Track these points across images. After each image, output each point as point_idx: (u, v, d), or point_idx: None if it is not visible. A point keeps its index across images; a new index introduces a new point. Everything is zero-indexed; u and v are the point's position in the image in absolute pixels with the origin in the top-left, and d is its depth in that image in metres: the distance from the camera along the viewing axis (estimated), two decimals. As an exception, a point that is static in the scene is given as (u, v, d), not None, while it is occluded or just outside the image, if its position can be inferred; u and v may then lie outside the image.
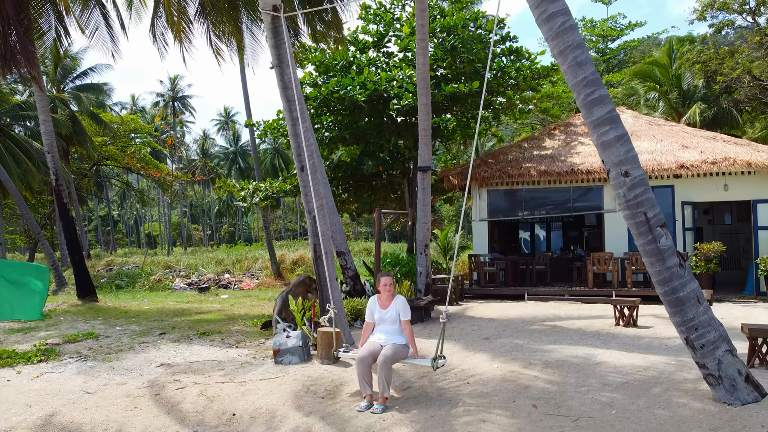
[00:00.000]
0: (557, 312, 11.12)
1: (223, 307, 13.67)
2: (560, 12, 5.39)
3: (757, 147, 14.91)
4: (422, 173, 10.85)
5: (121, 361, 7.59)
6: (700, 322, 5.16)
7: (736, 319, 10.04)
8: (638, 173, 5.31)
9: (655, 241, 5.22)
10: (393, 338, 5.86)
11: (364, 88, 14.31)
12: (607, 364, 6.74)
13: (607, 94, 5.45)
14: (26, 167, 30.97)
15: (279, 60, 7.28)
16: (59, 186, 14.38)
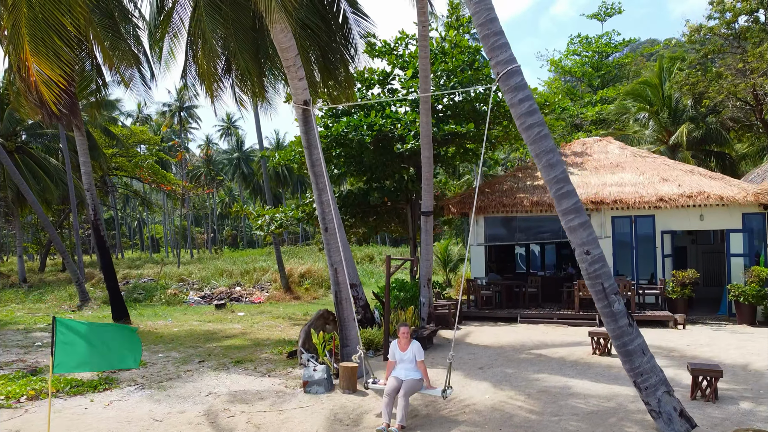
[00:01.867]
0: (544, 338, 12.56)
1: (244, 329, 15.13)
2: (537, 124, 6.85)
3: (729, 181, 16.35)
4: (425, 217, 12.33)
5: (174, 389, 9.06)
6: (644, 369, 6.62)
7: (701, 346, 11.48)
8: (597, 252, 6.77)
9: (610, 305, 6.68)
10: (411, 374, 7.35)
11: (371, 129, 15.80)
12: (578, 394, 8.20)
13: (573, 189, 6.91)
14: (45, 184, 32.42)
15: (308, 143, 8.75)
16: (97, 221, 15.87)
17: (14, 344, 13.19)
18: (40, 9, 6.78)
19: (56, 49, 6.85)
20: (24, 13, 6.68)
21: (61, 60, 6.89)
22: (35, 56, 6.71)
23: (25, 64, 6.74)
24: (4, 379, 9.81)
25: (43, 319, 17.79)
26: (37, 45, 6.72)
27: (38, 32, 6.74)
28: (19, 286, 29.91)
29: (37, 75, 6.75)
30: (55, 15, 6.87)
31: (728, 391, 8.08)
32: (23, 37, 6.68)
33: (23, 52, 6.72)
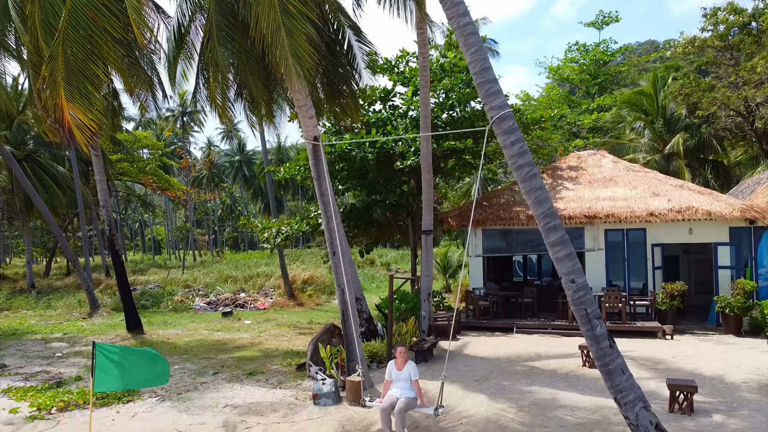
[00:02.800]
0: (538, 349, 13.27)
1: (252, 339, 15.84)
2: (527, 164, 7.56)
3: (717, 197, 17.05)
4: (426, 236, 13.05)
5: (193, 401, 9.77)
6: (624, 387, 7.32)
7: (685, 357, 12.18)
8: (581, 280, 7.48)
9: (592, 329, 7.38)
10: (406, 392, 8.02)
11: (373, 147, 16.53)
12: (566, 407, 8.91)
13: (560, 222, 7.61)
14: (53, 192, 33.13)
15: (317, 175, 9.46)
16: (113, 236, 16.60)
17: (35, 355, 13.90)
18: (75, 60, 7.47)
19: (89, 97, 7.55)
20: (61, 64, 7.38)
21: (93, 106, 7.59)
22: (70, 102, 7.40)
23: (60, 108, 7.43)
24: (33, 390, 10.53)
25: (57, 329, 18.48)
26: (72, 93, 7.40)
27: (73, 81, 7.43)
28: (28, 292, 30.57)
29: (71, 119, 7.45)
30: (89, 66, 7.58)
31: (704, 404, 8.78)
32: (59, 85, 7.37)
33: (59, 98, 7.42)
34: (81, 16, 7.54)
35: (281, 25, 7.66)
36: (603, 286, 17.62)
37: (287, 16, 7.73)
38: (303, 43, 7.81)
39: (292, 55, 7.65)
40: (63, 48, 7.35)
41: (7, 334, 17.03)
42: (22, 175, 23.46)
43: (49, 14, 8.24)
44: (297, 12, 7.81)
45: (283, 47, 7.68)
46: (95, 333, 17.30)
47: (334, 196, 10.44)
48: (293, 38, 7.71)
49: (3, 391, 10.67)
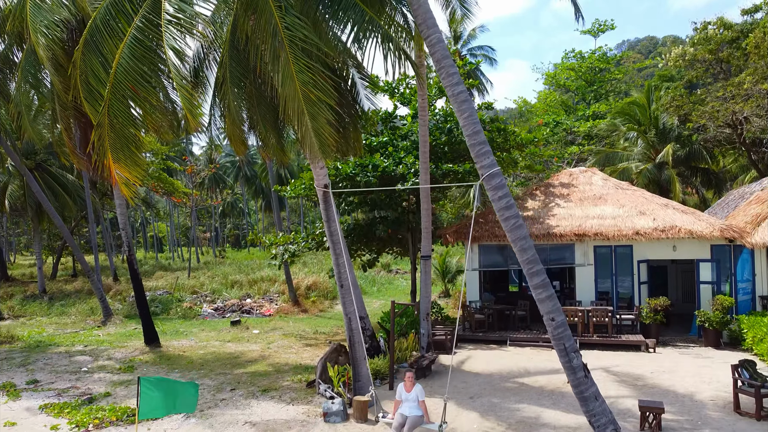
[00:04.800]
0: (528, 365, 14.36)
1: (263, 352, 16.93)
2: (513, 216, 8.62)
3: (699, 216, 18.09)
4: (425, 261, 14.13)
5: (215, 417, 10.86)
6: (597, 412, 8.41)
7: (662, 373, 13.26)
8: (560, 318, 8.55)
9: (570, 361, 8.46)
10: (414, 412, 9.14)
11: (376, 170, 17.58)
12: (549, 425, 10.00)
13: (542, 268, 8.68)
14: (63, 200, 34.20)
15: (327, 218, 10.53)
16: (131, 256, 17.69)
17: (63, 369, 14.98)
18: (119, 126, 8.50)
19: (133, 157, 8.59)
20: (107, 130, 8.40)
21: (136, 164, 8.63)
22: (116, 163, 8.43)
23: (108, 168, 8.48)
24: (68, 407, 11.60)
25: (77, 339, 19.56)
26: (117, 154, 8.43)
27: (118, 145, 8.46)
28: (41, 298, 31.64)
29: (117, 177, 8.50)
30: (131, 130, 8.61)
31: (672, 422, 9.87)
32: (107, 149, 8.40)
33: (107, 160, 8.45)
34: (123, 89, 8.58)
35: (305, 110, 8.71)
36: (592, 299, 18.72)
37: (310, 104, 8.78)
38: (324, 125, 8.86)
39: (315, 136, 8.70)
40: (108, 117, 8.38)
41: (31, 346, 18.11)
42: (34, 183, 24.49)
43: (89, 76, 9.27)
44: (318, 100, 8.85)
45: (306, 128, 8.74)
46: (113, 345, 18.38)
47: (343, 237, 11.49)
48: (316, 121, 8.76)
49: (40, 408, 11.75)
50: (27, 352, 17.28)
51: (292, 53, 8.98)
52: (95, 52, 8.99)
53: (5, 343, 18.60)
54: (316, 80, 9.02)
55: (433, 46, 8.80)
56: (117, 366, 15.19)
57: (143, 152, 45.76)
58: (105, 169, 8.49)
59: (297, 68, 8.93)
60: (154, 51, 9.06)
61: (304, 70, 8.99)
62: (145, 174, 10.35)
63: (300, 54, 9.08)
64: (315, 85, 8.96)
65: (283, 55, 9.00)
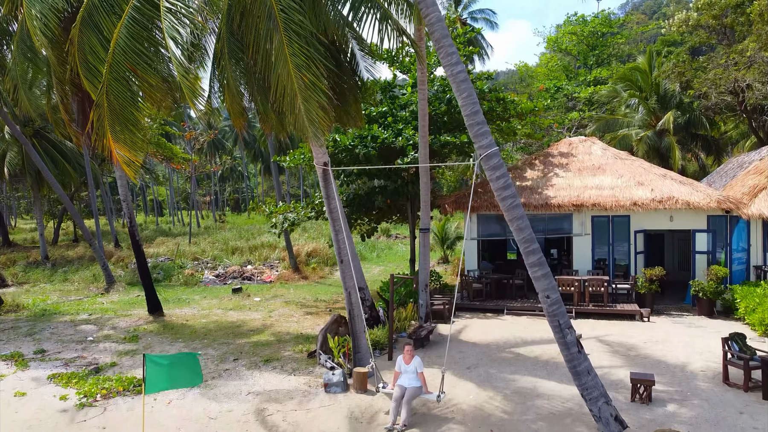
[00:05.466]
0: (524, 334, 14.66)
1: (264, 321, 17.24)
2: (510, 195, 8.72)
3: (697, 187, 18.19)
4: (423, 233, 14.29)
5: (219, 388, 11.18)
6: (589, 386, 8.68)
7: (655, 343, 13.56)
8: (555, 296, 8.74)
9: (564, 337, 8.69)
10: (413, 383, 9.43)
11: (375, 142, 17.60)
12: (544, 395, 10.31)
13: (538, 247, 8.82)
14: (63, 168, 34.19)
15: (327, 195, 10.62)
16: (133, 227, 17.84)
17: (69, 339, 15.29)
18: (118, 106, 8.52)
19: (133, 138, 8.63)
20: (106, 110, 8.42)
21: (136, 144, 8.68)
22: (116, 143, 8.47)
23: (108, 148, 8.53)
24: (76, 377, 11.92)
25: (81, 308, 19.87)
26: (117, 135, 8.47)
27: (117, 125, 8.49)
28: (43, 264, 31.94)
29: (119, 157, 8.56)
30: (131, 111, 8.63)
31: (662, 393, 10.18)
32: (107, 129, 8.44)
33: (107, 140, 8.50)
34: (122, 69, 8.56)
35: (298, 94, 8.69)
36: (589, 269, 18.98)
37: (303, 88, 8.75)
38: (317, 109, 8.86)
39: (307, 119, 8.72)
40: (107, 97, 8.39)
41: (37, 315, 18.42)
42: (33, 152, 24.48)
43: (87, 54, 9.24)
44: (312, 84, 8.83)
45: (299, 112, 8.75)
46: (117, 313, 18.69)
47: (343, 213, 11.60)
48: (308, 105, 8.76)
49: (49, 378, 12.07)
50: (33, 321, 17.60)
51: (286, 36, 8.93)
52: (93, 30, 8.94)
53: (11, 311, 18.92)
54: (310, 65, 9.00)
55: (432, 25, 8.76)
56: (121, 336, 15.50)
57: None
58: (106, 148, 8.55)
59: (291, 51, 8.90)
60: (152, 31, 9.01)
61: (299, 53, 8.97)
62: (145, 148, 10.40)
63: (295, 37, 9.04)
64: (309, 69, 8.94)
65: (277, 38, 8.96)
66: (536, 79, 45.89)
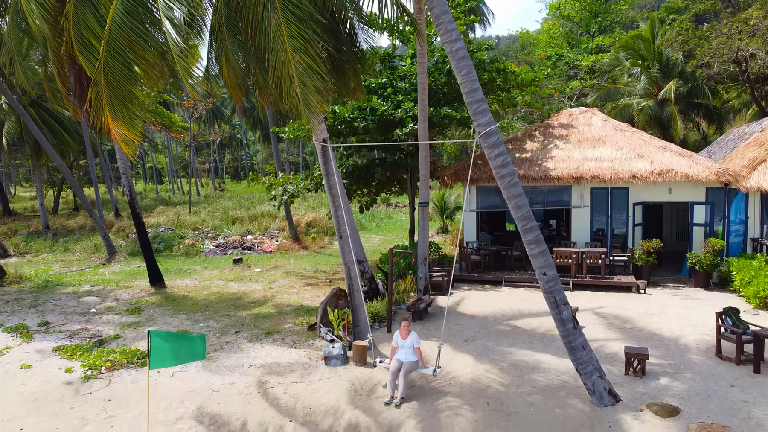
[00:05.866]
0: (521, 306, 14.85)
1: (265, 293, 17.44)
2: (509, 174, 8.76)
3: (697, 159, 18.18)
4: (422, 207, 14.35)
5: (221, 360, 11.39)
6: (584, 360, 8.86)
7: (651, 316, 13.75)
8: (552, 273, 8.85)
9: (560, 313, 8.83)
10: (409, 357, 9.62)
11: (374, 114, 17.52)
12: (539, 368, 10.52)
13: (536, 225, 8.89)
14: (61, 137, 34.04)
15: (326, 171, 10.62)
16: (133, 200, 17.89)
17: (72, 311, 15.49)
18: (116, 84, 8.46)
19: (131, 116, 8.60)
20: (104, 88, 8.37)
21: (134, 123, 8.65)
22: (114, 121, 8.45)
23: (107, 126, 8.51)
24: (80, 350, 12.13)
25: (83, 278, 20.07)
26: (116, 113, 8.43)
27: (116, 103, 8.45)
28: (44, 234, 32.08)
29: (117, 135, 8.54)
30: (129, 88, 8.57)
31: (656, 366, 10.39)
32: (105, 107, 8.40)
33: (105, 117, 8.47)
34: (119, 46, 8.48)
35: (294, 76, 8.62)
36: (587, 240, 19.10)
37: (300, 71, 8.68)
38: (313, 93, 8.79)
39: (304, 103, 8.67)
40: (105, 75, 8.34)
41: (40, 286, 18.61)
42: (31, 123, 24.37)
43: (82, 29, 9.15)
44: (309, 67, 8.75)
45: (295, 93, 8.69)
46: (119, 285, 18.89)
47: (343, 189, 11.63)
48: (305, 87, 8.69)
49: (54, 350, 12.28)
50: (36, 292, 17.79)
51: (284, 17, 8.83)
52: (88, 6, 8.83)
53: (14, 283, 19.11)
54: (308, 48, 8.92)
55: (432, 1, 8.66)
56: (124, 308, 15.70)
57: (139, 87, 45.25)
58: (104, 126, 8.54)
59: (288, 33, 8.81)
60: (148, 6, 8.90)
61: (296, 36, 8.87)
62: (143, 129, 10.37)
63: (293, 18, 8.93)
64: (306, 52, 8.86)
65: (275, 19, 8.85)
66: (538, 47, 45.31)
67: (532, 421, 8.55)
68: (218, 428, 8.77)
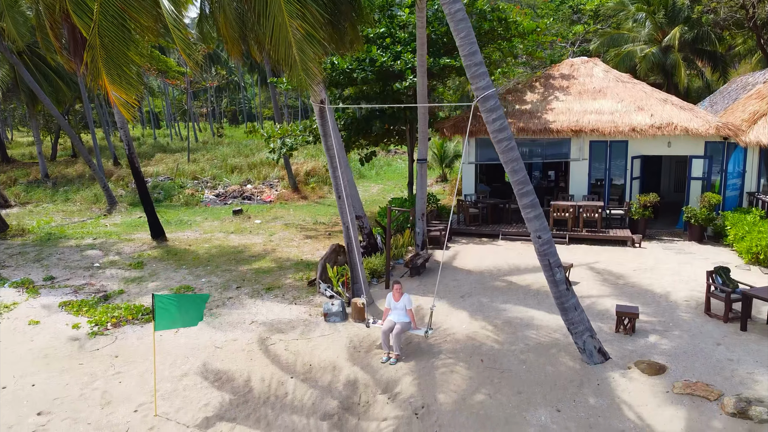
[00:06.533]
0: (517, 261, 15.10)
1: (266, 246, 17.67)
2: (506, 138, 8.77)
3: (697, 113, 18.06)
4: (421, 164, 14.37)
5: (223, 317, 11.70)
6: (576, 321, 9.13)
7: (644, 271, 14.01)
8: (546, 236, 9.00)
9: (553, 275, 9.04)
10: (401, 318, 9.87)
11: (373, 65, 17.30)
12: (533, 325, 10.83)
13: (532, 189, 8.97)
14: (57, 85, 33.56)
15: (324, 132, 10.59)
16: (132, 154, 17.87)
17: (76, 265, 15.76)
18: (111, 47, 8.34)
19: (128, 79, 8.51)
20: (99, 51, 8.25)
21: (132, 86, 8.57)
22: (112, 85, 8.37)
23: (104, 89, 8.45)
24: (86, 305, 12.43)
25: (85, 231, 20.28)
26: (113, 76, 8.34)
27: (112, 67, 8.35)
28: (44, 183, 32.14)
29: (115, 99, 8.49)
30: (124, 51, 8.44)
31: (645, 324, 10.69)
32: (101, 71, 8.32)
33: (101, 80, 8.40)
34: (113, 8, 8.31)
35: (293, 43, 8.46)
36: (584, 194, 19.22)
37: (298, 39, 8.50)
38: (312, 60, 8.65)
39: (302, 70, 8.55)
40: (100, 38, 8.22)
41: (43, 239, 18.83)
42: (24, 71, 24.04)
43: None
44: (307, 34, 8.57)
45: (294, 61, 8.56)
46: (121, 237, 19.11)
47: (342, 148, 11.61)
48: (303, 54, 8.55)
49: (60, 305, 12.59)
50: (39, 246, 18.02)
51: (281, -19, 8.62)
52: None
53: (17, 236, 19.32)
54: (306, 13, 8.74)
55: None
56: (127, 262, 15.95)
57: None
58: (102, 89, 8.50)
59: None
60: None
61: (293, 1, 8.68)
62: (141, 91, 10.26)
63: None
64: (304, 18, 8.69)
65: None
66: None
67: (523, 379, 8.89)
68: (222, 384, 9.12)
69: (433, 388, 8.74)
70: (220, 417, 8.17)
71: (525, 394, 8.43)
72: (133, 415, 8.30)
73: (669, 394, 8.19)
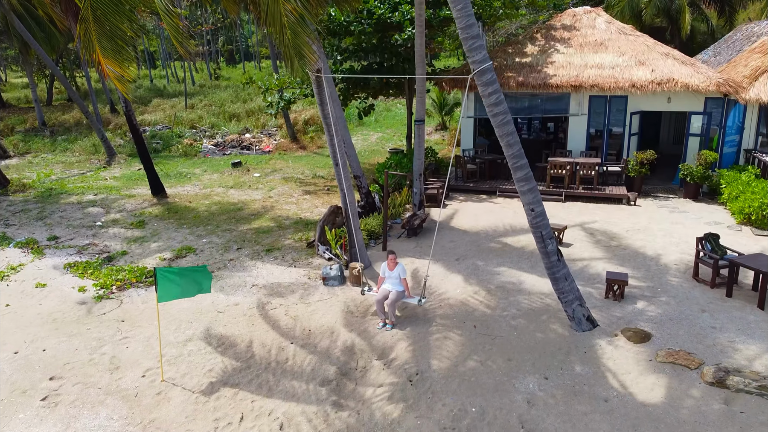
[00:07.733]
0: (513, 221, 15.32)
1: (264, 203, 17.87)
2: (502, 112, 8.81)
3: (698, 68, 17.85)
4: (418, 125, 14.36)
5: (225, 280, 12.03)
6: (566, 290, 9.43)
7: (637, 232, 14.25)
8: (539, 209, 9.17)
9: (545, 246, 9.27)
10: (395, 287, 10.16)
11: (371, 17, 17.02)
12: (525, 291, 11.16)
13: (526, 162, 9.08)
14: (49, 31, 32.85)
15: (321, 101, 10.56)
16: (129, 111, 17.79)
17: (78, 224, 15.99)
18: (104, 19, 8.23)
19: (122, 52, 8.44)
20: (92, 24, 8.16)
21: (126, 60, 8.52)
22: (106, 59, 8.31)
23: (98, 63, 8.41)
24: (91, 267, 12.74)
25: (86, 185, 20.42)
26: (106, 50, 8.28)
27: (105, 40, 8.27)
28: (42, 131, 32.01)
29: (110, 73, 8.46)
30: (117, 24, 8.33)
31: (635, 289, 11.01)
32: (94, 44, 8.25)
33: (95, 54, 8.34)
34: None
35: (287, 26, 8.32)
36: (582, 150, 19.25)
37: (291, 22, 8.35)
38: (306, 44, 8.52)
39: (296, 54, 8.44)
40: (93, 11, 8.11)
41: (44, 195, 19.00)
42: (15, 19, 23.62)
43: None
44: (301, 17, 8.40)
45: (288, 44, 8.44)
46: (122, 193, 19.28)
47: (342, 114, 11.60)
48: (297, 38, 8.42)
49: (65, 267, 12.90)
50: (41, 202, 18.20)
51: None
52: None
53: (18, 191, 19.48)
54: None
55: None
56: (129, 221, 16.18)
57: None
58: (96, 63, 8.47)
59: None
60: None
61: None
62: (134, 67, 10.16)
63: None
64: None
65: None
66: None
67: (514, 345, 9.27)
68: (225, 349, 9.51)
69: (428, 354, 9.12)
70: (224, 383, 8.58)
71: (515, 361, 8.82)
72: (141, 380, 8.72)
73: (652, 363, 8.57)
